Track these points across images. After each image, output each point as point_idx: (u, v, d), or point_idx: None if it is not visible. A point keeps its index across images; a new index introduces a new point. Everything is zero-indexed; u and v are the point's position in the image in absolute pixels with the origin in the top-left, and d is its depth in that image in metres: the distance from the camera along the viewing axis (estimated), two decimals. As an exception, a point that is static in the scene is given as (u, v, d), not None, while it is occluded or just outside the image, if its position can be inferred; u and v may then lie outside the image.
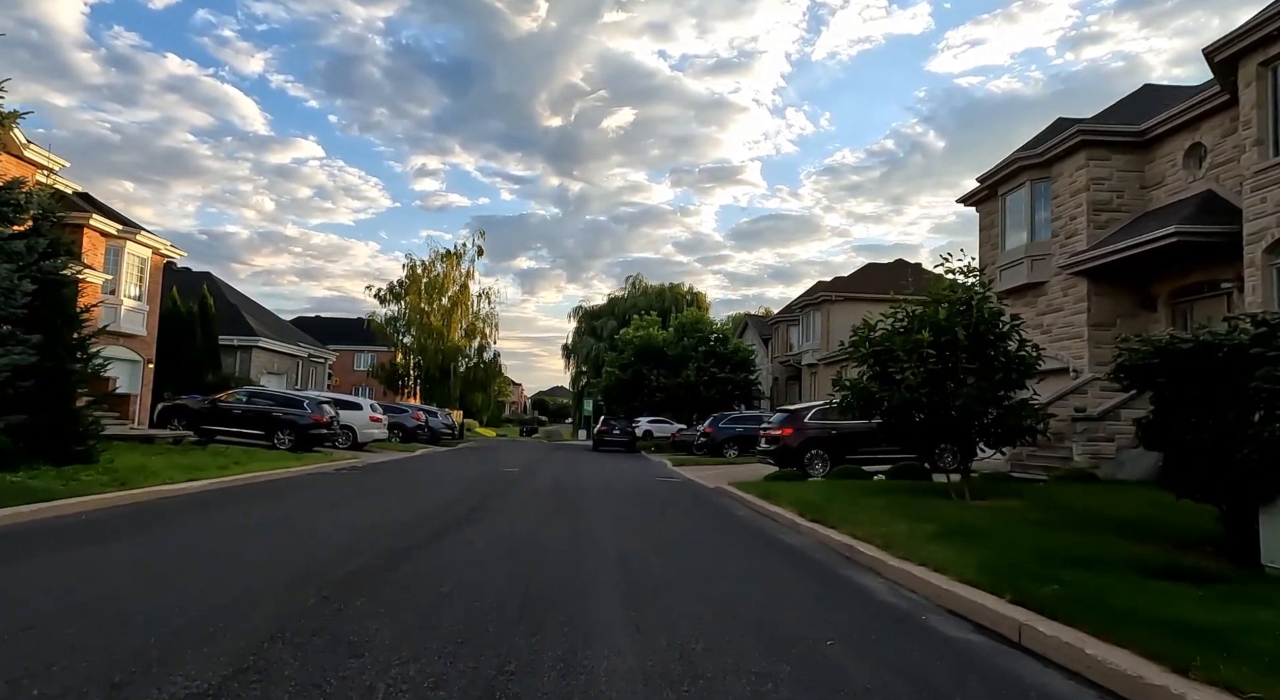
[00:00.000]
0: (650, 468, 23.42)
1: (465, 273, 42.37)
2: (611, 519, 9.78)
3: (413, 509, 10.07)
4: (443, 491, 12.83)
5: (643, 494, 14.00)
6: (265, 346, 31.21)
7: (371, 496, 11.79)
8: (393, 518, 9.05)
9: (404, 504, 10.69)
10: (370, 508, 10.23)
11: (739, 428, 27.91)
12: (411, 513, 9.62)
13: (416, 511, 9.78)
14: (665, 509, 11.44)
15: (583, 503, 11.67)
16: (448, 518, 9.24)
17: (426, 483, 14.72)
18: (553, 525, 8.92)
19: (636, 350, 39.22)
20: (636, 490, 14.77)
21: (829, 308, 33.80)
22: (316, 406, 22.64)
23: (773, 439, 16.83)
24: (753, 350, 40.04)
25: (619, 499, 12.72)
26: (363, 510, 9.87)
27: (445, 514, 9.58)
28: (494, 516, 9.48)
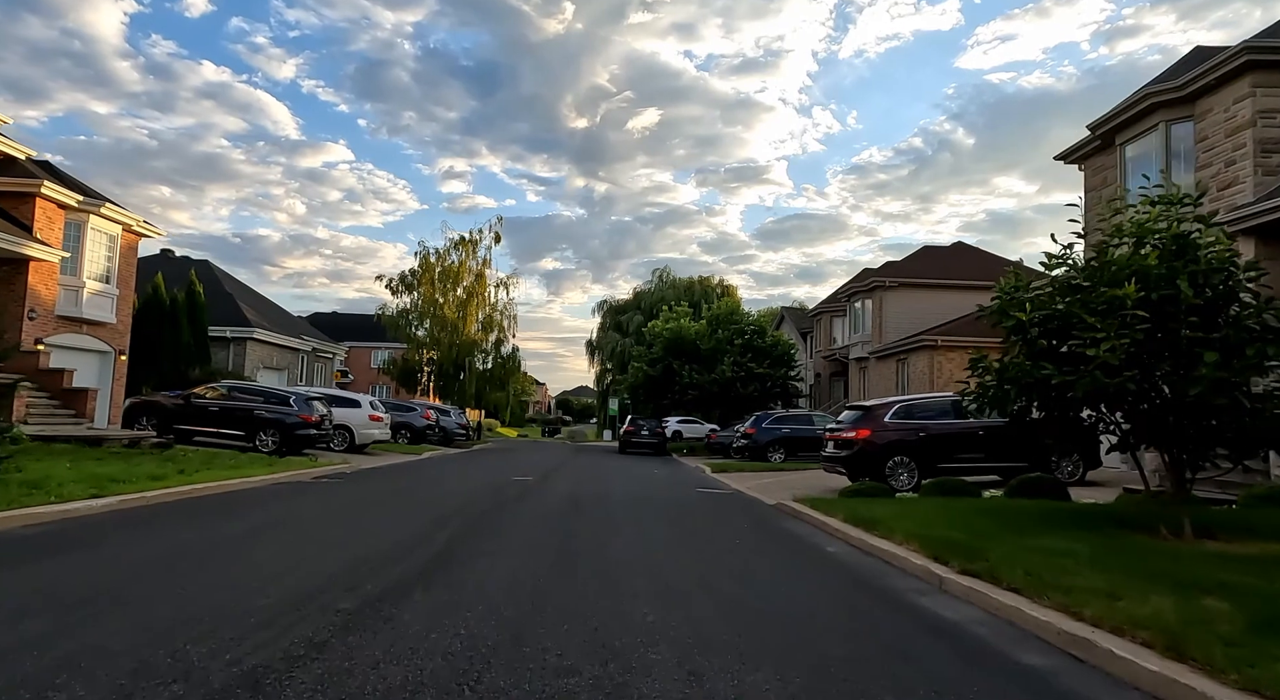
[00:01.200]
0: (686, 475, 20.23)
1: (481, 261, 39.48)
2: (654, 569, 6.59)
3: (363, 547, 6.98)
4: (425, 512, 9.77)
5: (686, 515, 10.83)
6: (261, 339, 28.56)
7: (320, 524, 8.75)
8: (315, 570, 5.95)
9: (358, 536, 7.62)
10: (298, 548, 7.17)
11: (785, 428, 24.61)
12: (356, 554, 6.53)
13: (364, 552, 6.69)
14: (723, 544, 8.23)
15: (608, 533, 8.53)
16: (403, 567, 6.12)
17: (411, 498, 11.69)
18: (562, 585, 5.76)
19: (666, 344, 36.04)
20: (677, 509, 11.58)
21: (882, 295, 30.36)
22: (305, 403, 19.77)
23: (844, 443, 13.55)
24: (793, 344, 36.66)
25: (657, 524, 9.56)
26: (284, 552, 6.82)
27: (403, 559, 6.47)
28: (472, 565, 6.33)
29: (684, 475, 20.18)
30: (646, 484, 16.36)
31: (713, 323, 36.57)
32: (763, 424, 24.81)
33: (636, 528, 9.00)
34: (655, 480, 17.87)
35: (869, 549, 7.58)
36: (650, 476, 19.10)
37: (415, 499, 11.41)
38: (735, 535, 8.74)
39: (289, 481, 13.56)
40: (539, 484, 14.80)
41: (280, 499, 10.97)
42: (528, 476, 16.65)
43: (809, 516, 10.03)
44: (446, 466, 19.94)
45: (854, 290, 32.05)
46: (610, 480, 17.11)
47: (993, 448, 13.13)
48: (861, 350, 31.69)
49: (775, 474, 19.61)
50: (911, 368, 26.83)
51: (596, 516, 9.88)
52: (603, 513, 10.27)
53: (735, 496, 14.00)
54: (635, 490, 14.50)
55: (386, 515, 9.44)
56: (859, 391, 32.60)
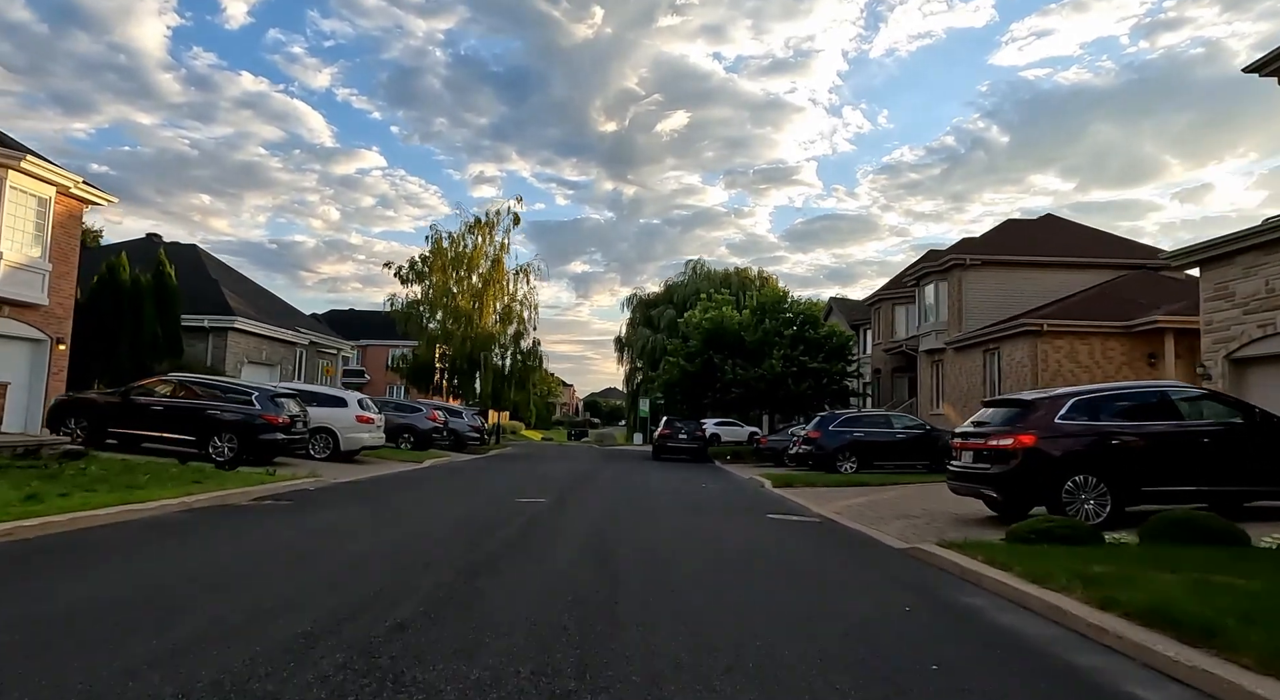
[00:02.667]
0: (744, 491, 16.07)
1: (499, 245, 35.57)
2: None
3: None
4: (322, 600, 5.74)
5: (786, 573, 6.66)
6: (244, 329, 24.96)
7: (158, 611, 4.72)
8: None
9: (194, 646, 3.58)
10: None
11: (856, 432, 20.30)
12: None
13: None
14: (916, 673, 4.04)
15: (680, 655, 4.42)
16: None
17: (337, 553, 7.62)
18: None
19: (706, 336, 31.87)
20: (770, 563, 7.42)
21: (961, 276, 25.88)
22: (269, 402, 15.99)
23: (995, 454, 9.27)
24: (850, 335, 32.29)
25: (753, 608, 5.41)
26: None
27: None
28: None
29: (741, 491, 16.02)
30: (701, 509, 12.22)
31: (758, 312, 32.34)
32: (829, 426, 20.53)
33: (730, 630, 4.86)
34: (709, 501, 13.73)
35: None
36: (701, 495, 14.97)
37: (339, 557, 7.35)
38: (910, 640, 4.55)
39: (211, 506, 9.75)
40: (552, 513, 10.71)
41: (143, 546, 7.04)
42: (539, 498, 12.57)
43: (1008, 587, 5.80)
44: (441, 482, 15.99)
45: (925, 271, 27.60)
46: (651, 503, 13.01)
47: (1222, 462, 8.80)
48: (935, 340, 27.22)
49: (859, 491, 15.35)
50: (1007, 358, 22.35)
51: (649, 604, 5.71)
52: (657, 588, 6.06)
53: (832, 531, 9.82)
54: (690, 523, 10.38)
55: (293, 589, 5.42)
56: (931, 388, 28.13)
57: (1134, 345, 20.72)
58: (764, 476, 18.75)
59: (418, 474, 17.54)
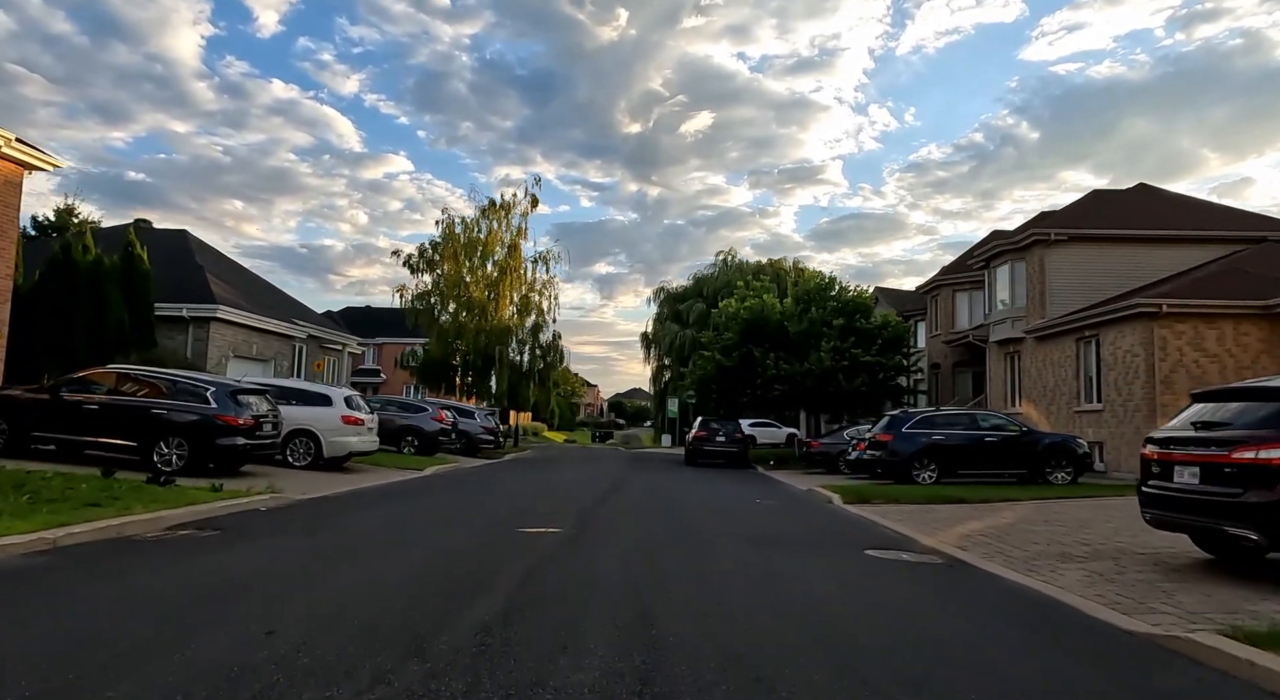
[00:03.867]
0: (808, 507, 12.85)
1: (516, 230, 32.53)
2: None
3: None
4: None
5: None
6: (228, 319, 22.23)
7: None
8: None
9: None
10: None
11: (935, 434, 16.95)
12: None
13: None
14: None
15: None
16: None
17: (222, 638, 4.55)
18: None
19: (744, 327, 28.61)
20: (916, 659, 4.20)
21: (1043, 253, 22.37)
22: (228, 399, 13.13)
23: (1252, 473, 5.96)
24: (907, 325, 28.85)
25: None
26: None
27: None
28: None
29: (808, 510, 12.79)
30: (770, 540, 9.00)
31: (802, 300, 29.03)
32: (902, 428, 17.20)
33: None
34: (775, 526, 10.52)
35: None
36: (760, 516, 11.77)
37: (210, 651, 4.32)
38: None
39: (93, 543, 6.85)
40: (565, 554, 7.57)
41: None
42: (551, 526, 9.42)
43: None
44: (433, 499, 12.94)
45: (998, 249, 24.08)
46: (701, 529, 9.83)
47: None
48: (1010, 329, 23.73)
49: (961, 511, 12.06)
50: (1110, 347, 18.85)
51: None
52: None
53: (981, 584, 6.59)
54: (766, 568, 7.19)
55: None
56: (1004, 384, 24.64)
57: (1274, 328, 17.15)
58: (827, 488, 15.50)
59: (411, 486, 14.56)
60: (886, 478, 17.41)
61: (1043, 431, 17.83)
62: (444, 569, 6.39)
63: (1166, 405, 17.26)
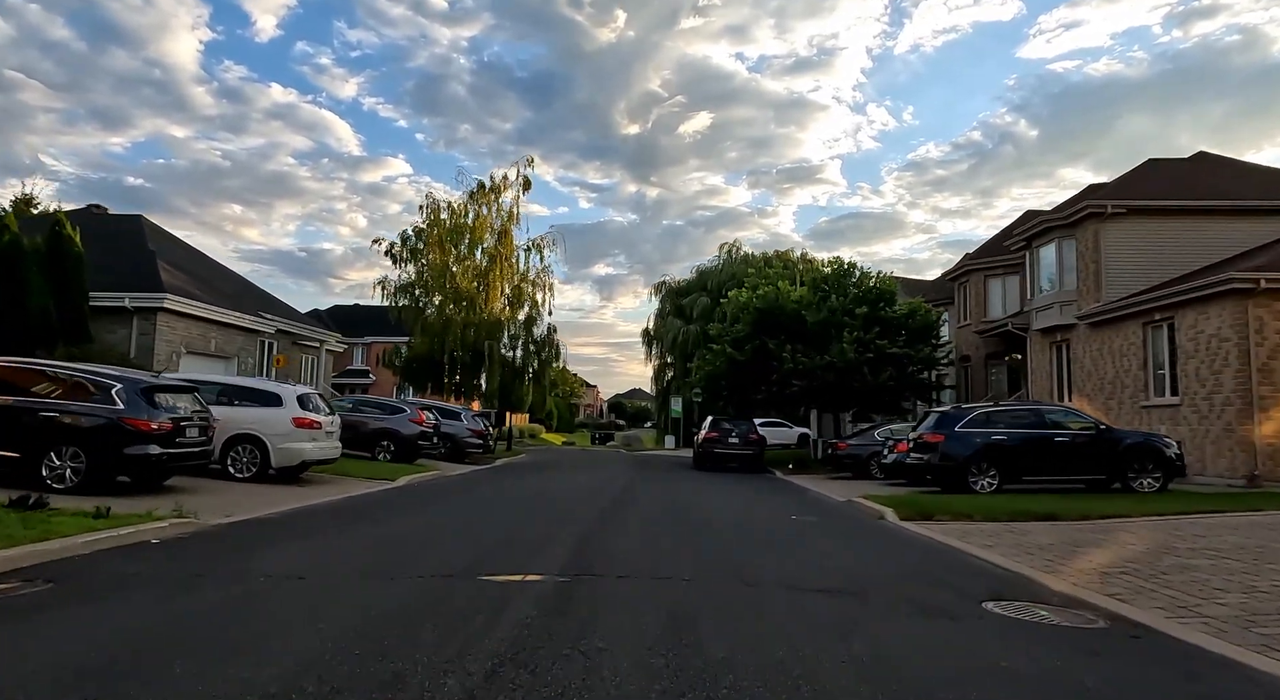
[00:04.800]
0: (861, 527, 10.25)
1: (507, 215, 29.92)
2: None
3: None
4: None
5: None
6: (178, 309, 19.60)
7: None
8: None
9: None
10: None
11: (996, 433, 14.38)
12: None
13: None
14: None
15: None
16: None
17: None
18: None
19: (757, 318, 26.06)
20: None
21: (1097, 229, 19.80)
22: (139, 396, 10.60)
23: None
24: (936, 312, 26.29)
25: None
26: None
27: None
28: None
29: (863, 532, 10.21)
30: (841, 587, 6.39)
31: (817, 287, 26.49)
32: (955, 427, 14.63)
33: None
34: (843, 563, 7.92)
35: None
36: (810, 543, 9.19)
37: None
38: None
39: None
40: (545, 630, 5.02)
41: None
42: (533, 569, 6.82)
43: None
44: (389, 523, 10.33)
45: (1043, 225, 21.48)
46: (738, 566, 7.19)
47: None
48: (1058, 315, 21.15)
49: (1059, 530, 9.50)
50: (1189, 331, 16.30)
51: None
52: None
53: (1242, 682, 4.03)
54: (861, 649, 4.61)
55: None
56: (1050, 377, 22.07)
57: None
58: (871, 500, 12.93)
59: (372, 503, 11.99)
60: (936, 485, 14.88)
61: (1122, 429, 15.28)
62: (355, 668, 3.81)
63: (1265, 398, 14.73)
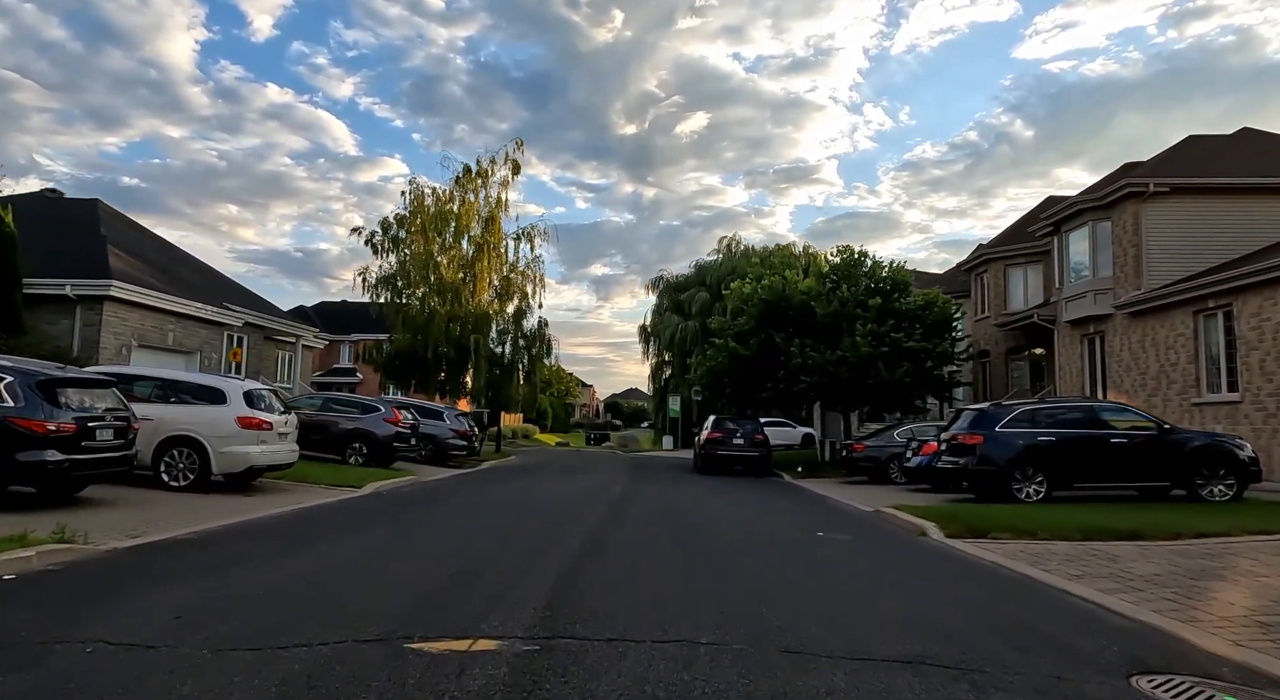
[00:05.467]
0: (925, 556, 8.42)
1: (496, 202, 28.11)
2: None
3: None
4: None
5: None
6: (125, 297, 17.73)
7: None
8: None
9: None
10: None
11: (1043, 434, 12.61)
12: None
13: None
14: None
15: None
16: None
17: None
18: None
19: (762, 310, 24.30)
20: None
21: (1138, 210, 18.10)
22: (33, 393, 8.81)
23: None
24: (956, 305, 24.54)
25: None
26: None
27: None
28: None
29: (921, 561, 8.41)
30: (934, 656, 4.58)
31: (826, 279, 24.75)
32: (995, 426, 12.86)
33: None
34: (906, 607, 6.05)
35: None
36: (858, 577, 7.39)
37: None
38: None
39: None
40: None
41: None
42: (490, 627, 5.02)
43: None
44: (329, 546, 8.50)
45: (1078, 207, 19.74)
46: (784, 624, 5.32)
47: None
48: (1092, 305, 19.43)
49: (1178, 557, 7.74)
50: (1252, 319, 14.56)
51: None
52: None
53: None
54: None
55: None
56: (1082, 372, 20.35)
57: None
58: (904, 511, 11.17)
59: (324, 517, 10.18)
60: (976, 489, 13.15)
61: (1186, 429, 13.54)
62: None
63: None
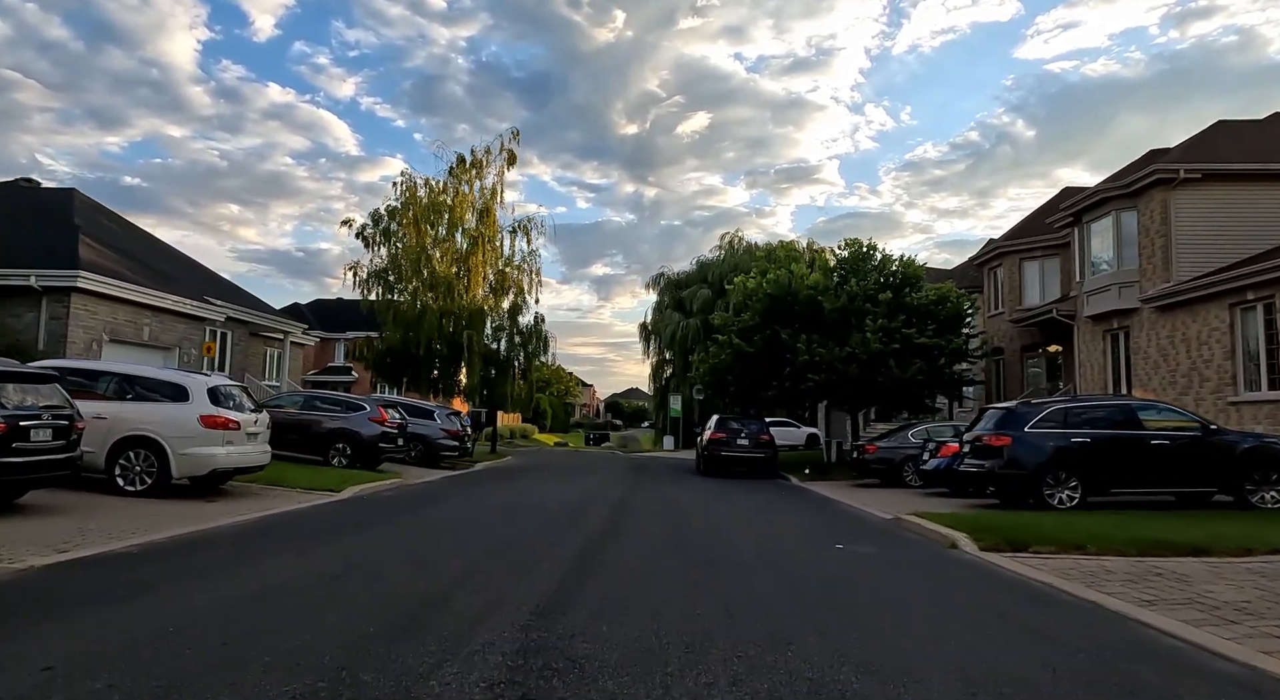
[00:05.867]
0: (967, 577, 7.32)
1: (490, 192, 27.07)
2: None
3: None
4: None
5: None
6: (94, 289, 16.74)
7: None
8: None
9: None
10: None
11: (1077, 435, 11.60)
12: None
13: None
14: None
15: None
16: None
17: None
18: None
19: (767, 305, 23.28)
20: None
21: (1166, 197, 17.11)
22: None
23: None
24: (970, 298, 23.50)
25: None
26: None
27: None
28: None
29: (965, 585, 7.34)
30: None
31: (834, 273, 23.75)
32: (1024, 426, 11.85)
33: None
34: (964, 653, 4.99)
35: None
36: (895, 603, 6.31)
37: None
38: None
39: None
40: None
41: None
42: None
43: None
44: (272, 564, 7.47)
45: (1101, 196, 18.73)
46: (822, 679, 4.34)
47: None
48: (1116, 298, 18.42)
49: (1267, 582, 6.73)
50: None
51: None
52: None
53: None
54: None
55: None
56: (1104, 370, 19.34)
57: None
58: (927, 519, 10.16)
59: (282, 528, 9.18)
60: (1002, 495, 12.16)
61: (1233, 430, 12.53)
62: None
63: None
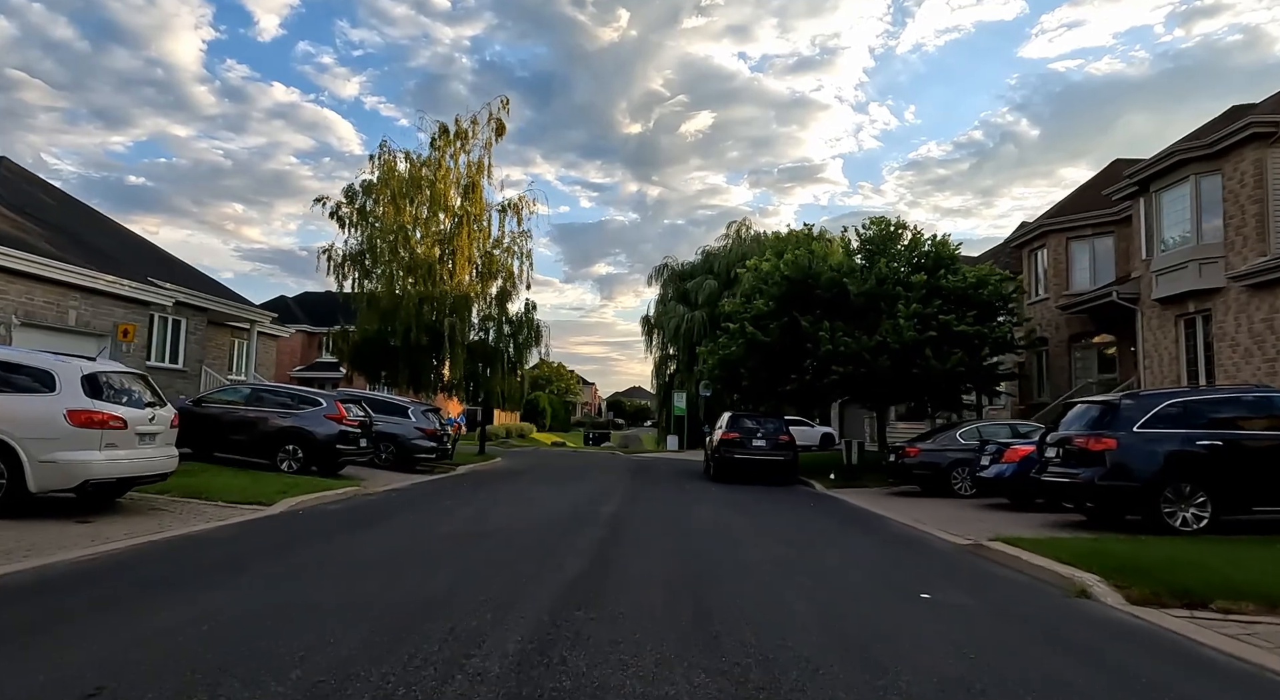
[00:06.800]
0: (1145, 666, 4.69)
1: (476, 166, 24.46)
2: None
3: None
4: None
5: None
6: (5, 266, 14.24)
7: None
8: None
9: None
10: None
11: (1204, 436, 9.00)
12: None
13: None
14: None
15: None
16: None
17: None
18: None
19: (785, 289, 20.66)
20: None
21: (1260, 157, 14.53)
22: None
23: None
24: (1015, 280, 20.85)
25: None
26: None
27: None
28: None
29: (1168, 689, 4.75)
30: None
31: (862, 252, 21.18)
32: (1133, 426, 9.26)
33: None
34: None
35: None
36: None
37: None
38: None
39: None
40: None
41: None
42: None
43: None
44: (101, 632, 4.79)
45: (1177, 158, 16.10)
46: None
47: None
48: (1195, 277, 15.82)
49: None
50: None
51: None
52: None
53: None
54: None
55: None
56: (1176, 359, 16.74)
57: None
58: (1024, 550, 7.58)
59: (171, 559, 6.59)
60: (1095, 515, 9.57)
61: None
62: None
63: None
